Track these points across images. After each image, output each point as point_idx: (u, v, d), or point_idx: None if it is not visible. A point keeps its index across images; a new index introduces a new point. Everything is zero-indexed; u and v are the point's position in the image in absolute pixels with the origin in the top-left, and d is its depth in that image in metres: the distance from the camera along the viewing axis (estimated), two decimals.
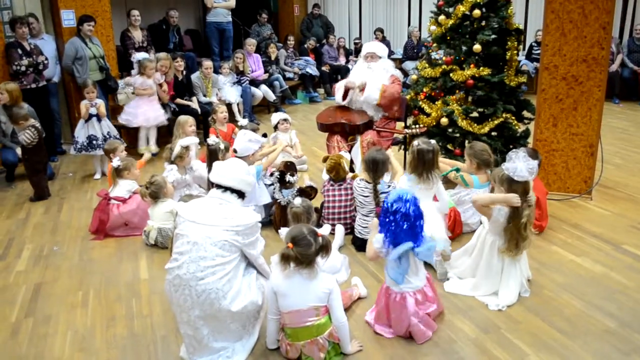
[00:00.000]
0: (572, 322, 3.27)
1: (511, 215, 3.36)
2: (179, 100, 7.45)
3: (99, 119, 6.38)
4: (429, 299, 3.18)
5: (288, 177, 4.52)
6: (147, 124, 6.87)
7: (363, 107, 5.49)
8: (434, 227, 3.80)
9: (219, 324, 2.91)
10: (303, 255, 2.82)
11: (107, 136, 6.38)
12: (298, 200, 3.79)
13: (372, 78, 5.45)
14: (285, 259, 2.83)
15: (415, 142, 3.95)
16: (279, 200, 4.52)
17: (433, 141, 3.96)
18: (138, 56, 7.17)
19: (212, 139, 4.78)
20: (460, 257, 3.80)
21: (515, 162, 3.29)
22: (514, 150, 3.37)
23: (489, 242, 3.50)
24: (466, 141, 5.25)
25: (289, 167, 4.59)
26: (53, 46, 7.28)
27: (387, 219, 3.05)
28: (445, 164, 4.49)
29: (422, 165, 3.88)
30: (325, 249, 2.89)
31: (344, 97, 5.65)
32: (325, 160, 4.66)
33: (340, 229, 4.35)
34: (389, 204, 3.05)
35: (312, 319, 2.89)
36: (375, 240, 3.11)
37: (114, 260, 4.28)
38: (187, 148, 5.00)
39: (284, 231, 3.82)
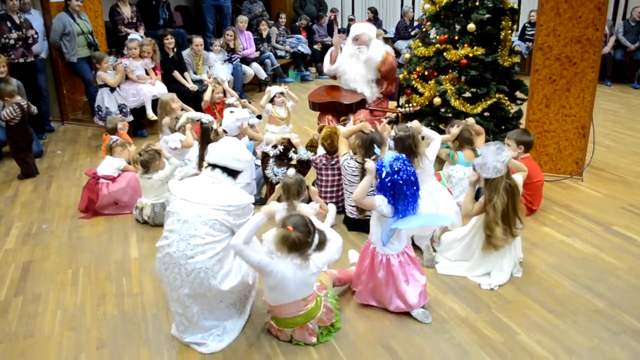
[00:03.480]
0: (563, 302, 3.29)
1: (487, 201, 3.38)
2: (175, 74, 7.35)
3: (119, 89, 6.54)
4: (412, 260, 3.21)
5: (291, 153, 4.47)
6: (143, 101, 6.78)
7: (357, 87, 5.43)
8: (444, 204, 3.87)
9: (209, 302, 2.90)
10: (301, 241, 2.74)
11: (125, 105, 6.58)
12: (292, 171, 3.75)
13: (361, 68, 5.39)
14: (284, 240, 2.73)
15: (393, 132, 3.91)
16: (270, 179, 4.49)
17: (409, 124, 3.90)
18: (130, 37, 7.08)
19: (206, 117, 4.76)
20: (452, 242, 3.79)
21: (485, 158, 3.29)
22: (486, 143, 3.36)
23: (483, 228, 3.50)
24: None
25: (291, 144, 4.54)
26: (40, 21, 7.15)
27: (389, 182, 3.00)
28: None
29: (404, 152, 3.82)
30: (322, 244, 2.83)
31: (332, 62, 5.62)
32: (320, 129, 4.60)
33: (332, 208, 4.34)
34: (389, 166, 3.01)
35: (301, 310, 2.88)
36: (382, 199, 3.04)
37: (104, 239, 4.25)
38: (193, 122, 5.02)
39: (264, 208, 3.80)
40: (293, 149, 4.49)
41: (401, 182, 3.00)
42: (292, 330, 2.92)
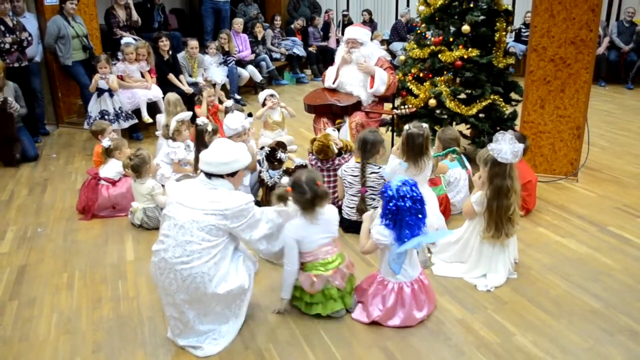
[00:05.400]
0: (558, 302, 3.30)
1: (492, 198, 3.37)
2: (170, 77, 7.34)
3: (111, 94, 6.37)
4: (425, 287, 3.15)
5: (279, 154, 4.46)
6: (138, 104, 6.76)
7: (353, 90, 5.43)
8: (431, 215, 3.83)
9: (205, 307, 2.89)
10: (297, 201, 3.04)
11: (119, 111, 6.44)
12: (285, 180, 3.76)
13: (356, 72, 5.39)
14: (280, 198, 3.14)
15: (407, 127, 3.91)
16: (265, 182, 4.49)
17: (425, 125, 3.91)
18: (123, 41, 7.05)
19: (201, 119, 4.77)
20: (447, 244, 3.79)
21: (501, 144, 3.29)
22: (501, 131, 3.37)
23: (479, 229, 3.51)
24: (453, 123, 5.26)
25: (280, 145, 4.54)
26: (35, 25, 7.13)
27: (394, 206, 2.93)
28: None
29: (412, 150, 3.85)
30: (321, 198, 3.03)
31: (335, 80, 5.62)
32: (313, 141, 4.61)
33: None
34: (394, 190, 2.94)
35: (335, 249, 3.16)
36: (377, 232, 3.01)
37: (99, 242, 4.24)
38: (182, 122, 5.02)
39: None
40: (281, 149, 4.48)
41: (405, 208, 2.91)
42: (330, 274, 3.07)
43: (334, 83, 5.55)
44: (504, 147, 3.28)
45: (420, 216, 2.98)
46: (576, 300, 3.31)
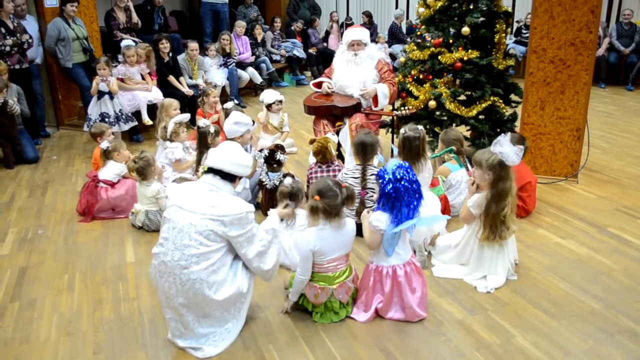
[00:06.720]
0: (558, 303, 3.30)
1: (490, 202, 3.38)
2: (171, 79, 7.36)
3: (111, 97, 6.38)
4: (418, 270, 3.18)
5: (278, 155, 4.47)
6: (138, 106, 6.78)
7: (353, 93, 5.43)
8: (433, 211, 3.87)
9: (204, 311, 2.88)
10: (330, 206, 2.98)
11: (119, 114, 6.44)
12: (289, 180, 3.77)
13: (359, 74, 5.39)
14: (314, 211, 2.99)
15: (402, 130, 3.93)
16: (265, 184, 4.49)
17: (420, 127, 3.94)
18: (123, 44, 7.06)
19: (203, 121, 4.78)
20: (447, 247, 3.79)
21: (504, 147, 3.29)
22: (501, 134, 3.37)
23: (477, 232, 3.52)
24: (453, 124, 5.27)
25: (278, 147, 4.56)
26: (35, 27, 7.15)
27: (392, 189, 2.97)
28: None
29: (409, 153, 3.87)
30: (350, 198, 3.05)
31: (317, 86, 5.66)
32: (312, 142, 4.63)
33: None
34: (391, 174, 2.98)
35: (344, 264, 3.15)
36: (374, 218, 3.04)
37: (99, 244, 4.24)
38: (180, 124, 5.06)
39: (273, 212, 3.81)
40: (280, 151, 4.50)
41: (403, 190, 2.96)
42: (335, 287, 3.09)
43: (318, 87, 5.59)
44: (507, 149, 3.29)
45: (417, 196, 3.03)
46: (576, 302, 3.32)
